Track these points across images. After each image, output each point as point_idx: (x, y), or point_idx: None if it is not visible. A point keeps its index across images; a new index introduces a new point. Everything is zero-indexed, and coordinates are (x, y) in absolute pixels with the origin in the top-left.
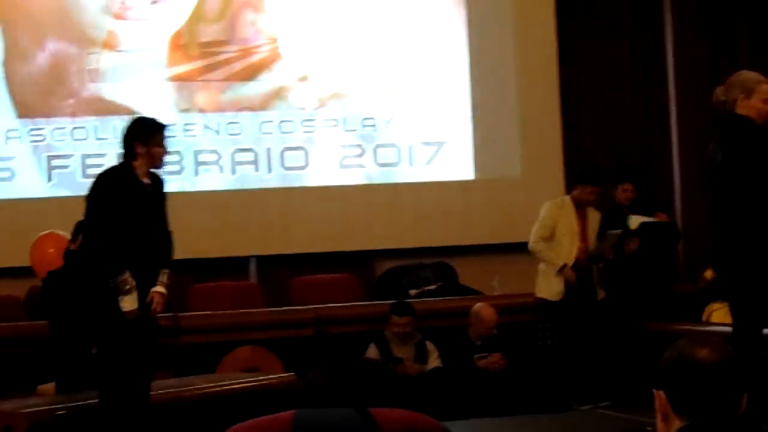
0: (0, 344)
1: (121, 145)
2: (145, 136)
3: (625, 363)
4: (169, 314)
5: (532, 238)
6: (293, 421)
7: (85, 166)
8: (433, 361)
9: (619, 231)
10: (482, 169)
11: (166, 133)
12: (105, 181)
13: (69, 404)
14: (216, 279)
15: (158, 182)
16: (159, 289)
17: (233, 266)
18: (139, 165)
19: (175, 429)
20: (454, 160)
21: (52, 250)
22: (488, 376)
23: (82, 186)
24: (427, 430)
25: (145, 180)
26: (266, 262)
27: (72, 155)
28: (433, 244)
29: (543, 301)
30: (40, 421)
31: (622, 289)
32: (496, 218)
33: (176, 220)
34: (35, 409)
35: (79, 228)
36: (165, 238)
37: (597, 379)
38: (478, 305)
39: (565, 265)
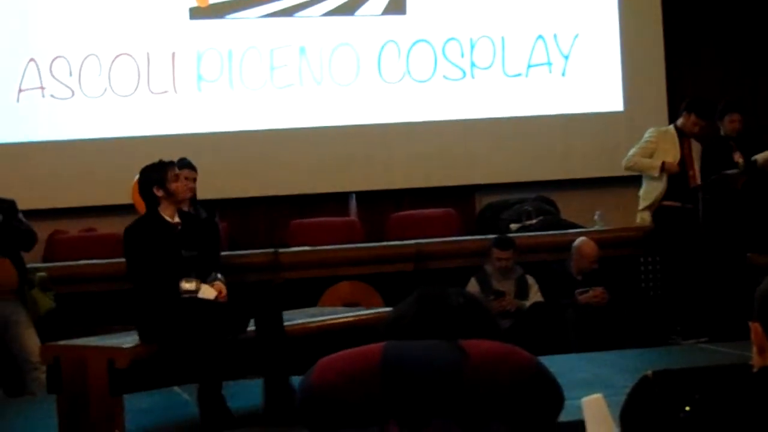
0: (104, 280)
1: (144, 197)
2: (157, 179)
3: (728, 297)
4: (270, 250)
5: (628, 156)
6: (383, 351)
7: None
8: (534, 296)
9: (736, 171)
10: (585, 104)
11: (175, 168)
12: (132, 234)
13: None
14: (316, 215)
15: (193, 220)
16: (218, 283)
17: (333, 202)
18: (164, 208)
19: (275, 364)
20: (557, 95)
21: None
22: (589, 311)
23: (183, 123)
24: (519, 363)
25: (175, 220)
26: (366, 198)
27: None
28: (534, 179)
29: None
30: (143, 357)
31: (727, 222)
32: (598, 152)
33: (276, 157)
34: (139, 344)
35: (179, 164)
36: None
37: (700, 313)
38: (579, 240)
39: (663, 163)
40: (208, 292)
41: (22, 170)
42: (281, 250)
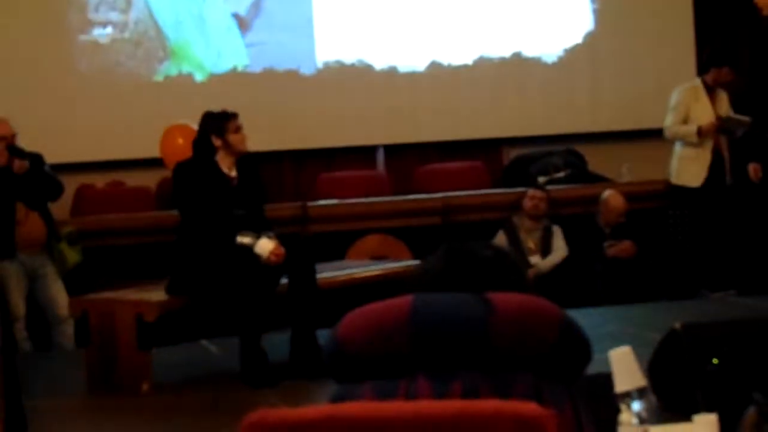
0: (132, 234)
1: (199, 142)
2: (218, 128)
3: (756, 249)
4: (298, 203)
5: (667, 125)
6: (412, 305)
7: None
8: (558, 243)
9: (749, 119)
10: (612, 56)
11: (238, 120)
12: (183, 173)
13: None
14: (344, 168)
15: (249, 172)
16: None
17: (361, 155)
18: (221, 158)
19: (304, 317)
20: (584, 48)
21: (181, 141)
22: (617, 264)
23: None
24: (547, 317)
25: (232, 173)
26: (393, 151)
27: None
28: (562, 132)
29: (680, 188)
30: (171, 310)
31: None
32: (625, 104)
33: (304, 109)
34: (166, 298)
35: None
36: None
37: (728, 265)
38: (607, 193)
39: (700, 127)
40: (264, 246)
41: (48, 123)
42: (309, 203)
